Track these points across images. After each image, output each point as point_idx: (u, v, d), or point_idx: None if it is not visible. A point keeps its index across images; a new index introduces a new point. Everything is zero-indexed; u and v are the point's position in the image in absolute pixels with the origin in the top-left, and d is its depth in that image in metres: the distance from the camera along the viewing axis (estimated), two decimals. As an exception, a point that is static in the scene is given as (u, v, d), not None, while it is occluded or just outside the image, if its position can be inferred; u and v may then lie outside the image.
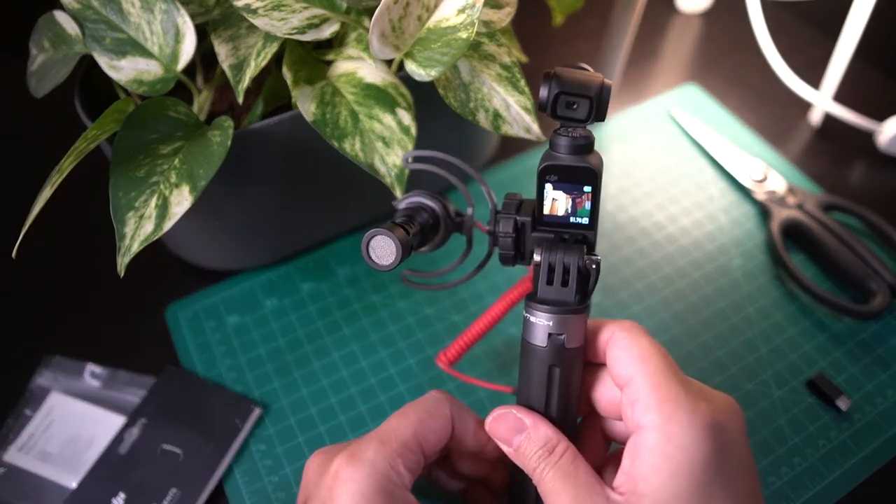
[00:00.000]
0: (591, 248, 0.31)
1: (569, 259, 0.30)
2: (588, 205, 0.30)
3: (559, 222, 0.31)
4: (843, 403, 0.42)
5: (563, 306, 0.30)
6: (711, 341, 0.46)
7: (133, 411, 0.42)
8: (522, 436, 0.30)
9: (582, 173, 0.29)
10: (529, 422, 0.30)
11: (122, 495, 0.39)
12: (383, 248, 0.28)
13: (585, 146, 0.29)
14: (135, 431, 0.41)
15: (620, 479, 0.28)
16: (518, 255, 0.32)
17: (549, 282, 0.30)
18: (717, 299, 0.48)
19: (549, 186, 0.30)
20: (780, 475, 0.40)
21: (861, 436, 0.41)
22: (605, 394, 0.32)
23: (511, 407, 0.31)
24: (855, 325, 0.46)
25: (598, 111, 0.28)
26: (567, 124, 0.29)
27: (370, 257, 0.28)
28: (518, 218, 0.31)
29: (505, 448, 0.30)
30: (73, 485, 0.39)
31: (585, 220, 0.31)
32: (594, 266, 0.30)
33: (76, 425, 0.42)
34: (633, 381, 0.28)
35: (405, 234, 0.28)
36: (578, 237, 0.31)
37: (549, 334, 0.30)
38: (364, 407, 0.43)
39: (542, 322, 0.30)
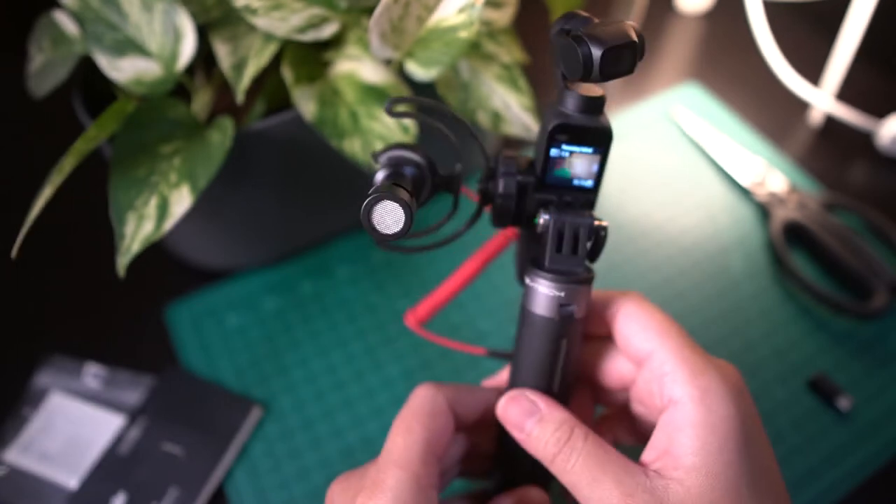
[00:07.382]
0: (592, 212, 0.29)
1: (578, 225, 0.28)
2: (595, 167, 0.28)
3: (562, 184, 0.29)
4: (843, 403, 0.42)
5: (573, 275, 0.28)
6: (712, 341, 0.46)
7: (133, 411, 0.42)
8: (534, 419, 0.28)
9: (595, 134, 0.27)
10: (543, 405, 0.28)
11: (122, 495, 0.39)
12: (389, 216, 0.24)
13: (601, 105, 0.27)
14: (135, 431, 0.41)
15: (651, 455, 0.27)
16: (517, 217, 0.29)
17: (559, 249, 0.28)
18: (718, 299, 0.48)
19: (556, 147, 0.28)
20: (781, 476, 0.40)
21: (862, 436, 0.41)
22: (612, 368, 0.31)
23: (524, 390, 0.29)
24: (855, 324, 0.46)
25: (639, 57, 0.26)
26: (603, 81, 0.26)
27: (374, 227, 0.24)
28: (520, 178, 0.29)
29: (517, 435, 0.29)
30: (74, 485, 0.39)
31: (590, 183, 0.29)
32: (603, 233, 0.28)
33: (76, 425, 0.42)
34: (655, 355, 0.28)
35: (408, 195, 0.25)
36: (582, 201, 0.29)
37: (560, 305, 0.28)
38: (364, 407, 0.43)
39: (552, 292, 0.28)
